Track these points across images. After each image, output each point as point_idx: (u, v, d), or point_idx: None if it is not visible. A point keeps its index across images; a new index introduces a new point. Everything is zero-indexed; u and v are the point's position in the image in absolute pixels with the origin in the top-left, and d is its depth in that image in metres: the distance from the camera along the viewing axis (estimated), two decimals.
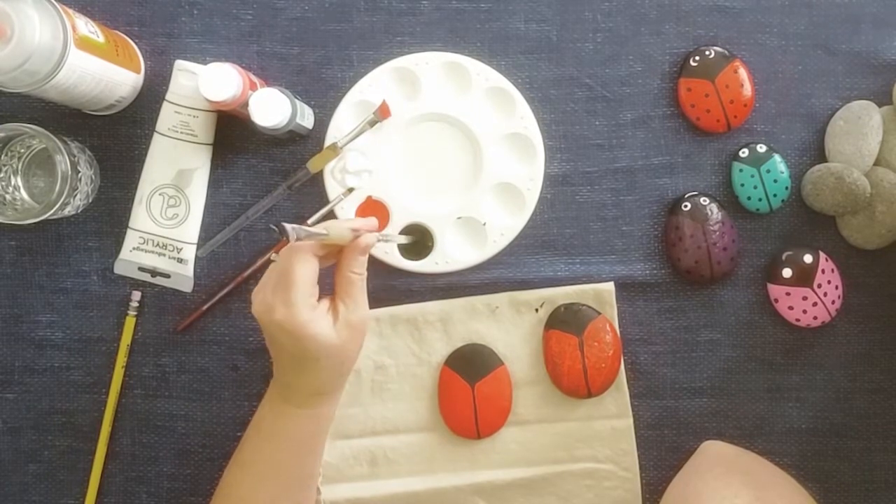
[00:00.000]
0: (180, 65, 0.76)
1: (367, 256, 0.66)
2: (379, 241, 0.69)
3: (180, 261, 0.78)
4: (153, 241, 0.78)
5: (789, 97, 0.80)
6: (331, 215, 0.78)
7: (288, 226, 0.57)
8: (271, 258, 0.64)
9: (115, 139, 0.79)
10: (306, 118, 0.76)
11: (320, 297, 0.64)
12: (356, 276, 0.65)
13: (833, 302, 0.78)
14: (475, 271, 0.79)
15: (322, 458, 0.73)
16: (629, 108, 0.80)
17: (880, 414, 0.80)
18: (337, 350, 0.63)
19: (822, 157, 0.80)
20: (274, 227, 0.57)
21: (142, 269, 0.78)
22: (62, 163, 0.71)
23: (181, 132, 0.76)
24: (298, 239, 0.59)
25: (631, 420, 0.79)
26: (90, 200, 0.78)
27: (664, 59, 0.79)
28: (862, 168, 0.77)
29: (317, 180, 0.78)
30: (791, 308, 0.78)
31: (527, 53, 0.79)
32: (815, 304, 0.78)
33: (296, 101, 0.73)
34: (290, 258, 0.62)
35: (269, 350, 0.67)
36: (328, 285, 0.66)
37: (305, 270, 0.62)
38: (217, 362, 0.79)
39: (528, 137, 0.78)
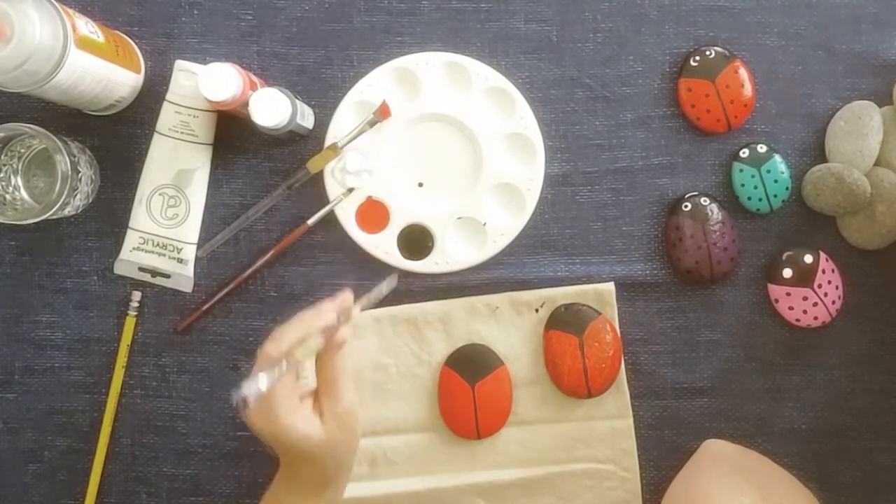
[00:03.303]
0: (180, 65, 0.76)
1: (343, 349, 0.64)
2: (363, 309, 0.67)
3: (180, 261, 0.78)
4: (153, 241, 0.78)
5: (790, 97, 0.80)
6: (331, 215, 0.78)
7: (249, 393, 0.58)
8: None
9: (115, 139, 0.79)
10: (306, 118, 0.76)
11: (303, 397, 0.64)
12: (337, 371, 0.64)
13: (833, 302, 0.78)
14: (475, 271, 0.79)
15: None
16: (629, 108, 0.80)
17: (880, 414, 0.80)
18: (329, 444, 0.64)
19: (822, 157, 0.80)
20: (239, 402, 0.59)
21: (142, 269, 0.78)
22: (62, 163, 0.71)
23: (181, 132, 0.76)
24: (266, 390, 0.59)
25: (631, 420, 0.79)
26: (90, 200, 0.78)
27: (664, 59, 0.79)
28: (862, 168, 0.77)
29: (317, 180, 0.78)
30: (791, 308, 0.78)
31: (527, 53, 0.79)
32: (815, 305, 0.78)
33: (296, 101, 0.73)
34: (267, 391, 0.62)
35: None
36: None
37: (282, 393, 0.62)
38: (217, 362, 0.79)
39: (528, 137, 0.78)
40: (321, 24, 0.79)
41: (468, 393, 0.78)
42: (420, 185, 0.79)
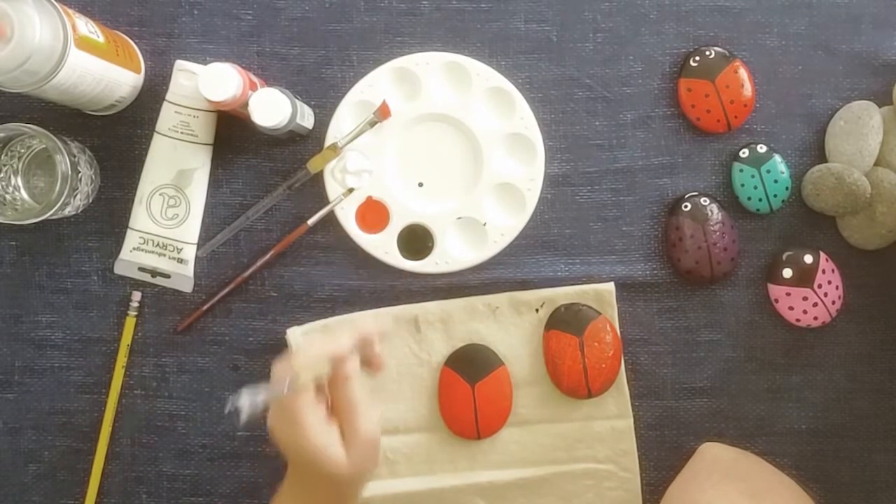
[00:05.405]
0: (180, 65, 0.76)
1: (356, 380, 0.63)
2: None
3: (180, 261, 0.78)
4: (153, 241, 0.78)
5: (789, 97, 0.80)
6: (331, 215, 0.78)
7: (242, 406, 0.58)
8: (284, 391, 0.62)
9: (115, 139, 0.79)
10: (306, 118, 0.76)
11: (329, 421, 0.63)
12: (350, 402, 0.63)
13: (833, 302, 0.78)
14: (475, 271, 0.79)
15: None
16: (629, 108, 0.80)
17: (880, 414, 0.80)
18: (351, 469, 0.62)
19: (822, 157, 0.80)
20: (232, 410, 0.58)
21: (142, 269, 0.78)
22: (62, 163, 0.71)
23: (181, 132, 0.76)
24: (255, 411, 0.58)
25: (631, 420, 0.79)
26: (90, 200, 0.78)
27: (664, 59, 0.79)
28: (862, 168, 0.77)
29: (317, 180, 0.78)
30: (791, 308, 0.78)
31: (527, 53, 0.79)
32: (815, 305, 0.78)
33: (296, 101, 0.73)
34: (293, 405, 0.61)
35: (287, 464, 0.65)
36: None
37: (310, 412, 0.61)
38: (217, 362, 0.79)
39: (528, 137, 0.78)
40: (321, 24, 0.79)
41: (468, 393, 0.78)
42: (420, 185, 0.79)
